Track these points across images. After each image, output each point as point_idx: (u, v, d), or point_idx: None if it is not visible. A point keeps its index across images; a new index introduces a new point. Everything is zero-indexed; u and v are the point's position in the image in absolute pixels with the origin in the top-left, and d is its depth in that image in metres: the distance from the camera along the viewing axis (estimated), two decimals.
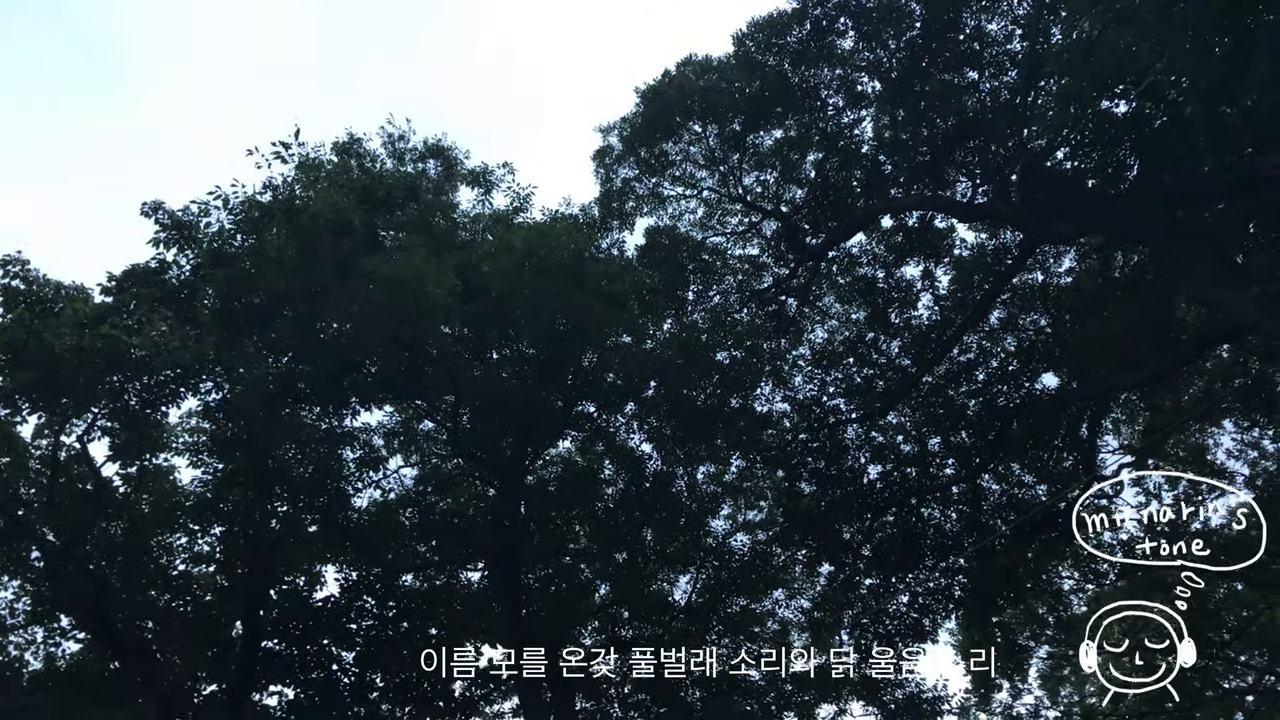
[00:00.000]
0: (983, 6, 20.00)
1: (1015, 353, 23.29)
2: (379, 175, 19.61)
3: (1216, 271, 16.66)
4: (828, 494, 23.28)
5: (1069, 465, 22.97)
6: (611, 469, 23.31)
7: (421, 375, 19.34)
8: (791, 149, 23.61)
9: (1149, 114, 17.25)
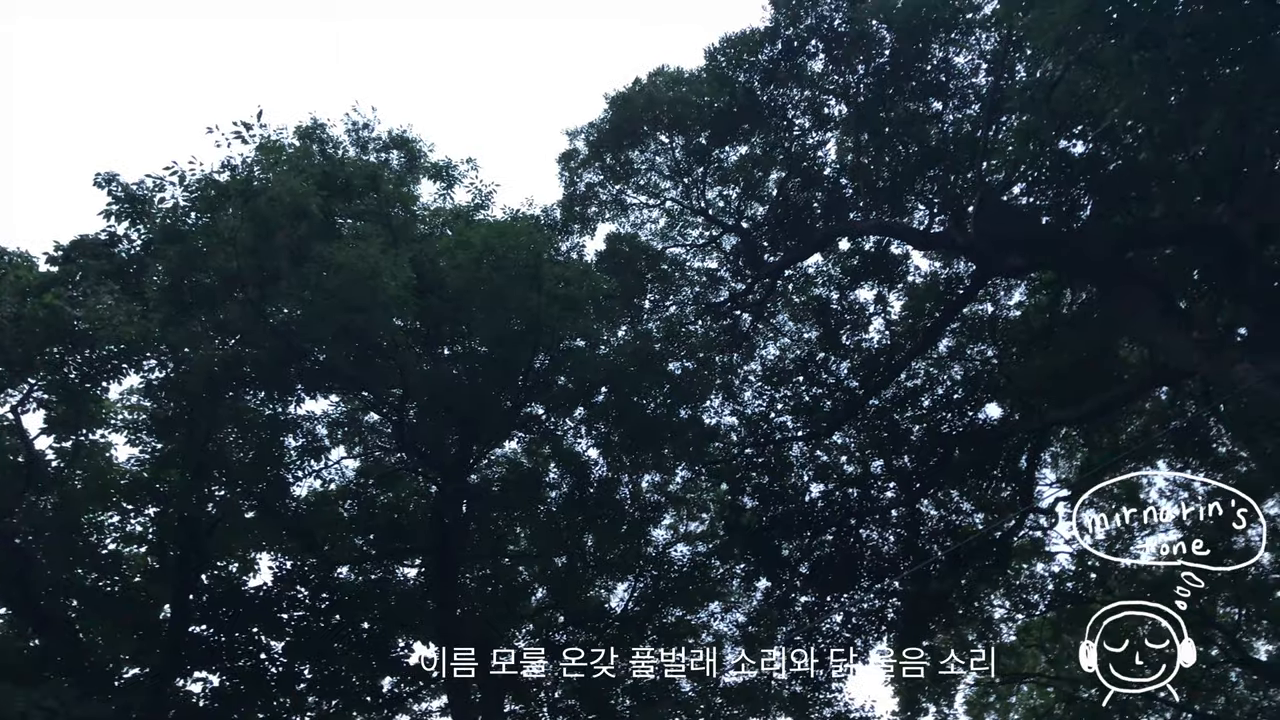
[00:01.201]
0: (951, 39, 20.34)
1: (961, 381, 23.66)
2: (340, 162, 19.43)
3: (1160, 315, 17.08)
4: (769, 510, 23.44)
5: (1007, 495, 23.35)
6: (556, 473, 23.24)
7: (370, 366, 19.15)
8: (756, 166, 23.84)
9: (1105, 156, 17.70)
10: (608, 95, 22.85)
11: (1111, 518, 26.45)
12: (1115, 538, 26.17)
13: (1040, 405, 21.34)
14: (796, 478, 23.99)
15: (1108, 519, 26.65)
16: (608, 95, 22.85)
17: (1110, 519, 26.73)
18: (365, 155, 21.35)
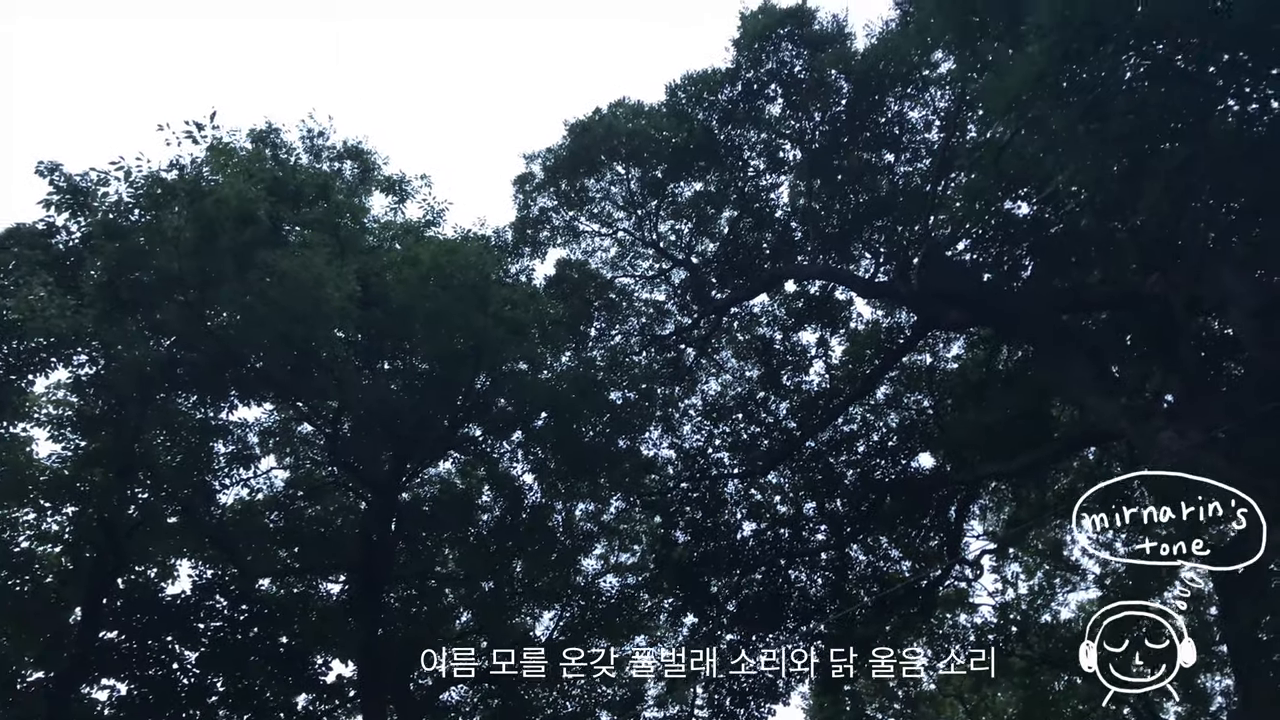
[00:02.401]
0: (907, 94, 20.77)
1: (896, 429, 23.98)
2: (293, 169, 19.25)
3: (1091, 377, 17.47)
4: (701, 545, 23.48)
5: (934, 545, 23.65)
6: (490, 496, 23.09)
7: (307, 377, 18.90)
8: (709, 203, 24.07)
9: (1048, 220, 18.13)
10: (567, 122, 23.01)
11: (1034, 572, 27.04)
12: (1037, 593, 26.66)
13: (972, 458, 21.68)
14: (730, 515, 24.08)
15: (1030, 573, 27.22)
16: (567, 122, 23.01)
17: (1034, 572, 27.29)
18: (319, 164, 21.20)
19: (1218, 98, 13.65)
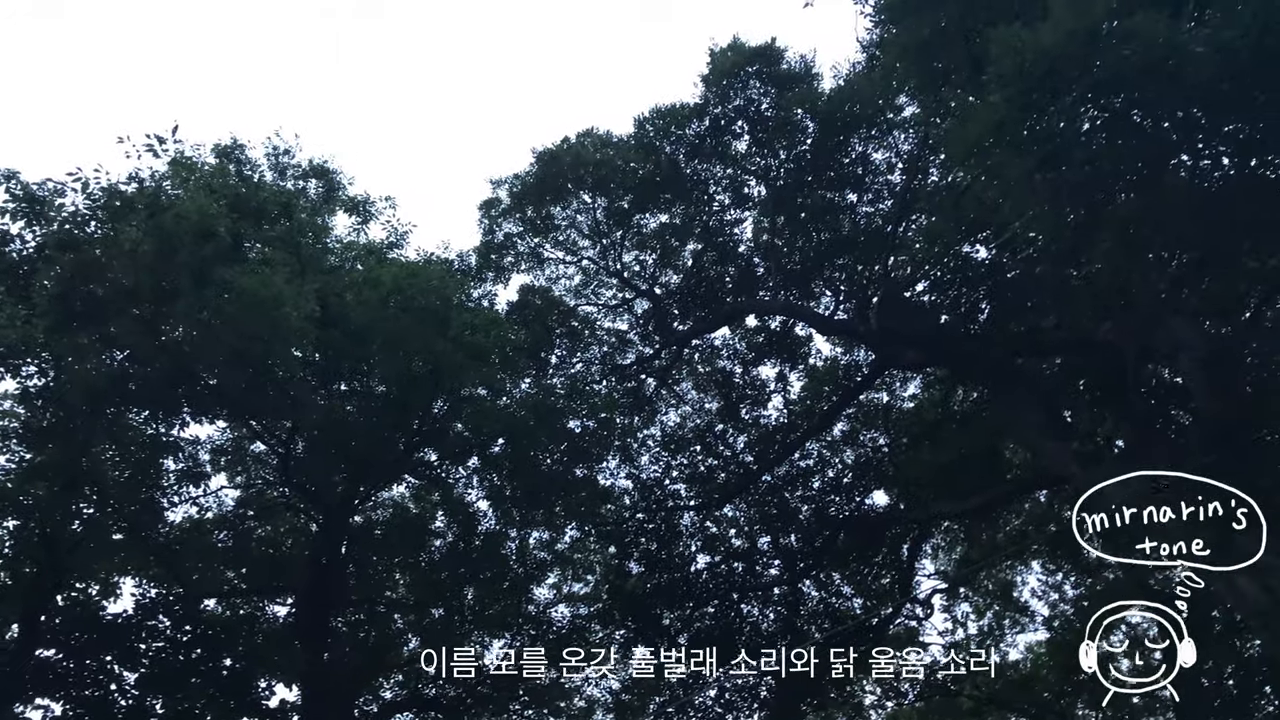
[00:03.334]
0: (871, 136, 21.07)
1: (852, 466, 24.14)
2: (256, 186, 19.09)
3: (1044, 422, 17.73)
4: (655, 577, 23.41)
5: (886, 582, 23.75)
6: (443, 521, 22.89)
7: (262, 395, 18.66)
8: (673, 235, 24.22)
9: (1005, 265, 18.43)
10: (535, 150, 23.10)
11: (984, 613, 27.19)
12: (987, 634, 26.81)
13: (925, 497, 21.86)
14: (684, 547, 24.06)
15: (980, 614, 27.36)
16: (535, 150, 23.10)
17: (983, 613, 27.45)
18: (283, 181, 21.06)
19: (1171, 152, 13.99)
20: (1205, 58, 11.28)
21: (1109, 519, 11.21)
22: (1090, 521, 18.01)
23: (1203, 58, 11.30)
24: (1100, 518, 10.89)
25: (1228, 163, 14.39)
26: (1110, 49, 11.81)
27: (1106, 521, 11.08)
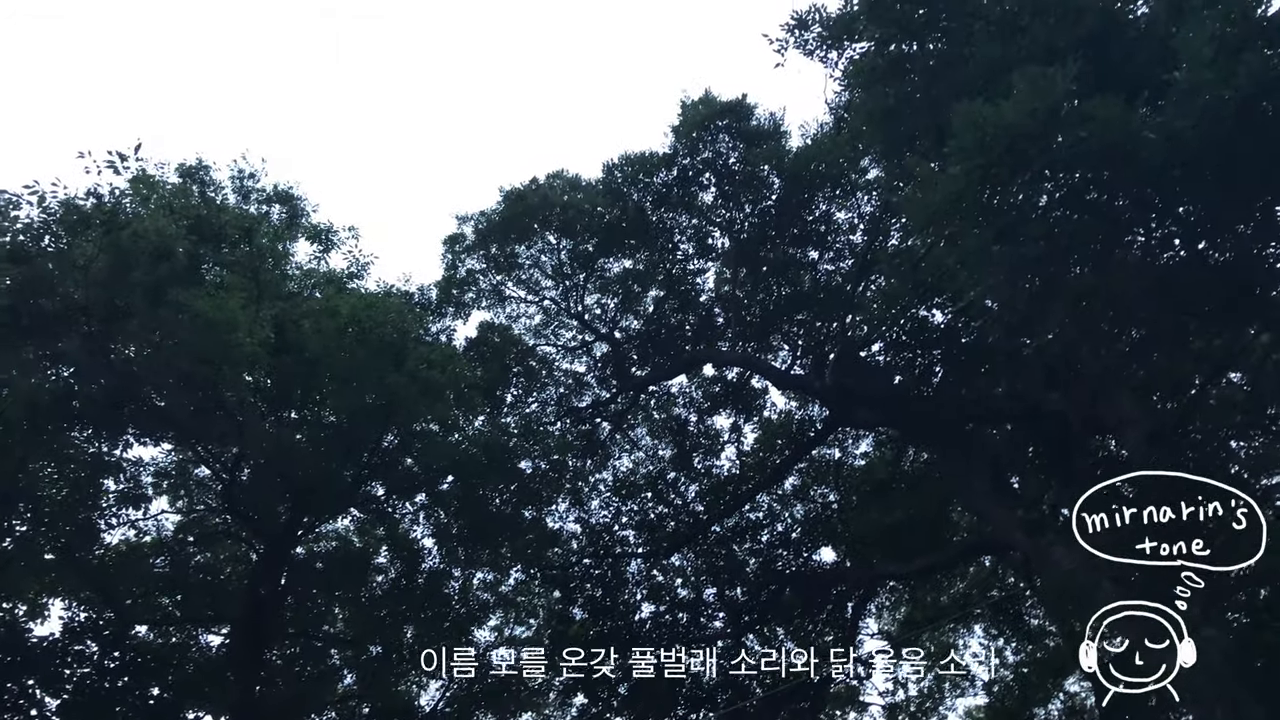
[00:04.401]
0: (835, 196, 21.39)
1: (801, 521, 24.18)
2: (219, 208, 18.95)
3: (991, 487, 17.93)
4: (598, 624, 23.20)
5: (830, 640, 23.68)
6: (387, 557, 22.59)
7: (210, 419, 18.39)
8: (636, 281, 24.33)
9: (960, 330, 18.71)
10: (502, 188, 23.17)
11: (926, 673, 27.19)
12: (927, 696, 26.81)
13: (872, 556, 21.94)
14: (630, 595, 23.88)
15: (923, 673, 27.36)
16: (502, 188, 23.17)
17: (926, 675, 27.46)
18: (246, 205, 20.93)
19: (1124, 231, 14.34)
20: (1158, 144, 11.61)
21: (1109, 519, 11.06)
22: (1033, 585, 18.01)
23: (1155, 144, 11.63)
24: (1100, 517, 10.80)
25: (1178, 244, 14.78)
26: (1069, 129, 12.12)
27: (1106, 521, 10.96)
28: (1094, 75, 12.72)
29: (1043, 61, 12.54)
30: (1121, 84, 12.59)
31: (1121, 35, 13.89)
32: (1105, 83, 12.58)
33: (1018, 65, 12.61)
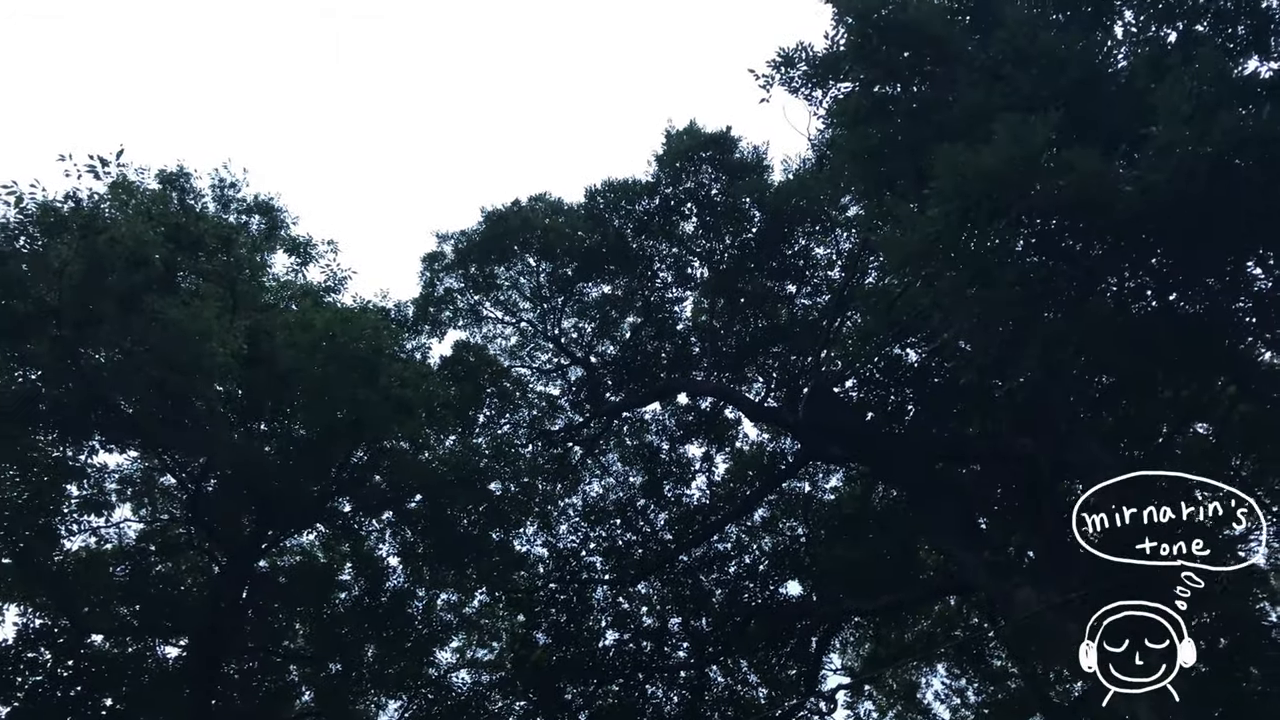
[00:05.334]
0: (814, 232, 21.55)
1: (769, 554, 24.16)
2: (197, 217, 18.86)
3: (958, 527, 17.99)
4: (562, 649, 23.06)
5: (793, 674, 23.65)
6: (351, 574, 22.39)
7: (178, 428, 18.19)
8: (614, 306, 24.37)
9: (933, 369, 18.82)
10: (484, 209, 23.19)
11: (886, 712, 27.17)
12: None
13: (838, 591, 21.93)
14: (595, 621, 23.76)
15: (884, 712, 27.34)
16: (484, 209, 23.19)
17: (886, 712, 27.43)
18: (226, 214, 20.88)
19: (1098, 279, 14.51)
20: (1133, 196, 11.76)
21: (1109, 518, 10.96)
22: (999, 623, 17.93)
23: (1131, 196, 11.78)
24: (1100, 517, 10.76)
25: (1150, 294, 14.97)
26: (1047, 177, 12.27)
27: (1106, 521, 10.88)
28: (1073, 126, 12.90)
29: (1024, 110, 12.71)
30: (1100, 136, 12.78)
31: (1101, 88, 14.10)
32: (1084, 134, 12.78)
33: (999, 112, 12.76)
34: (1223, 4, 13.72)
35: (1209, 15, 13.92)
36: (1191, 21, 13.99)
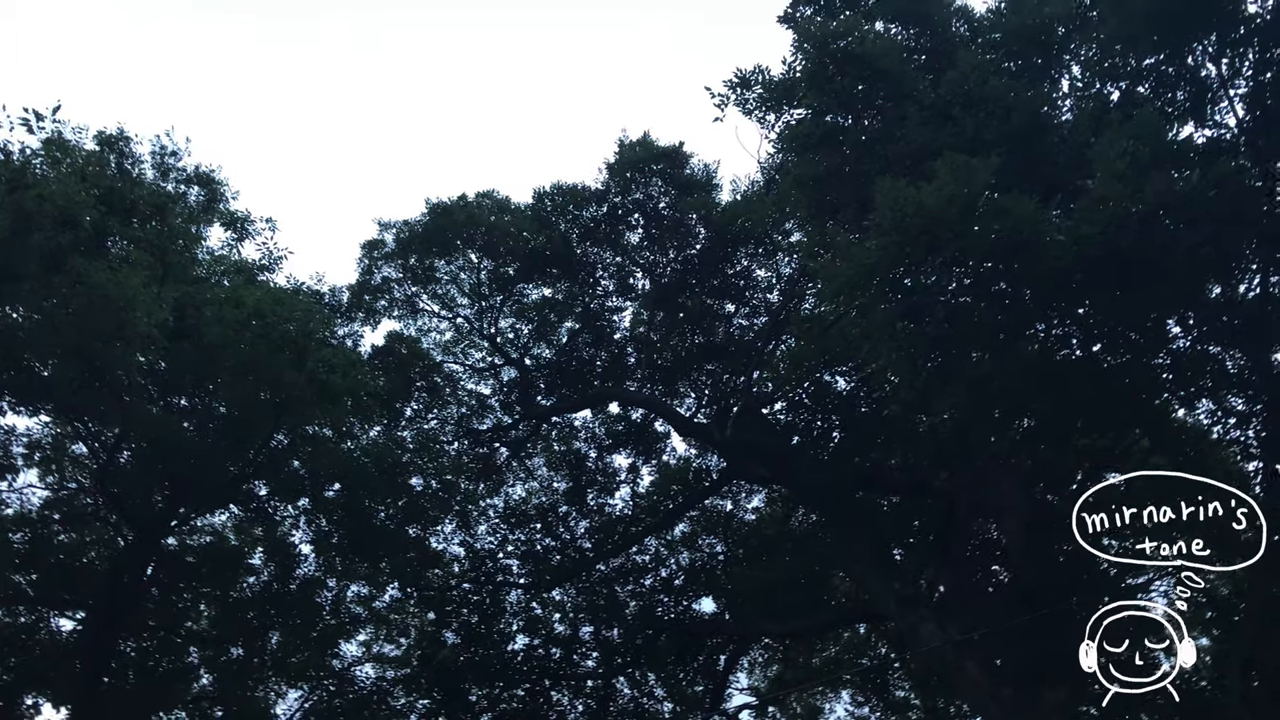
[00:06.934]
0: (757, 254, 21.73)
1: (686, 569, 24.23)
2: (134, 182, 18.41)
3: (873, 557, 18.27)
4: (470, 650, 22.90)
5: (699, 691, 23.73)
6: (261, 558, 21.97)
7: (95, 396, 17.73)
8: (553, 310, 24.29)
9: (860, 399, 19.09)
10: (429, 200, 22.92)
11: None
12: None
13: (750, 612, 22.05)
14: (505, 625, 23.65)
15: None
16: (429, 200, 22.92)
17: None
18: (164, 183, 20.35)
19: (1026, 324, 14.84)
20: (1065, 246, 12.07)
21: (1109, 518, 10.98)
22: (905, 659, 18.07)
23: (1063, 245, 12.10)
24: (1100, 517, 10.81)
25: (1075, 343, 15.36)
26: (984, 220, 12.54)
27: (1106, 521, 10.91)
28: (1014, 172, 13.20)
29: (968, 151, 12.98)
30: (1038, 184, 13.10)
31: (1044, 138, 14.48)
32: (1023, 180, 13.07)
33: (944, 151, 13.02)
34: (1165, 70, 14.18)
35: (1151, 79, 14.37)
36: (1134, 83, 14.44)
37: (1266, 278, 14.22)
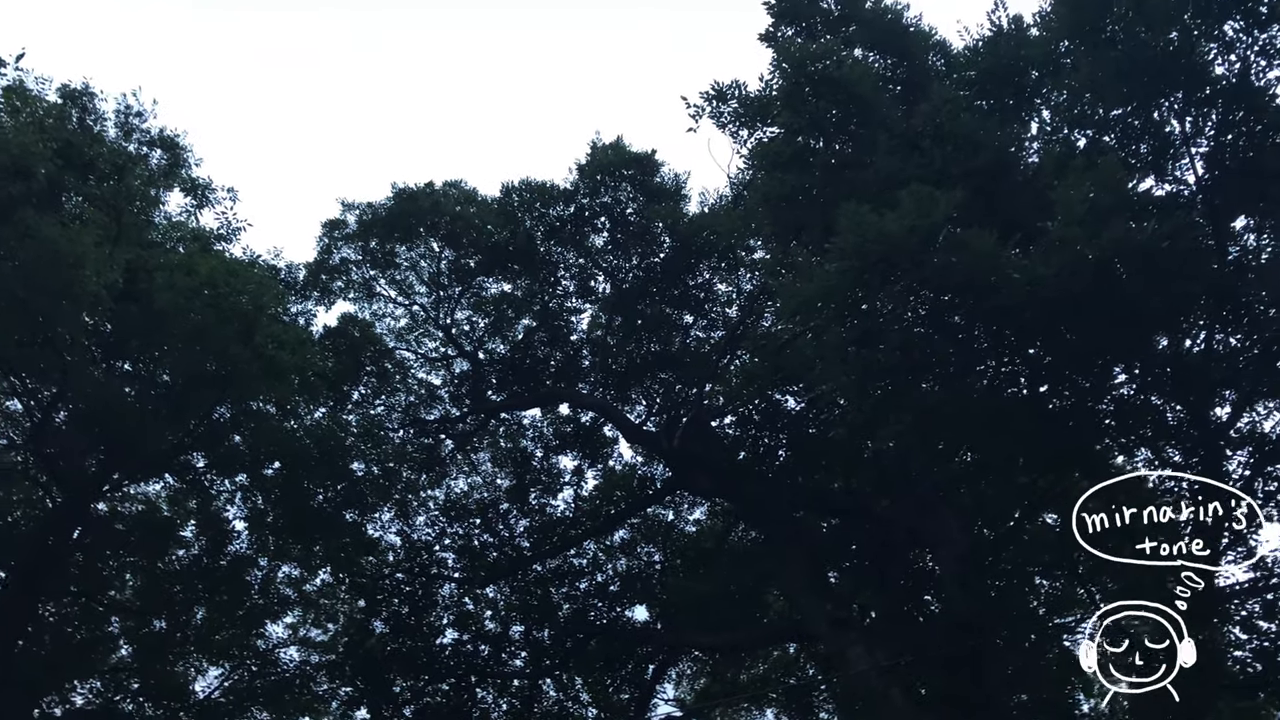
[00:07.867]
0: (719, 268, 21.81)
1: (622, 575, 24.19)
2: (94, 138, 18.07)
3: (808, 578, 18.37)
4: (398, 641, 22.68)
5: (625, 698, 23.68)
6: (193, 532, 21.59)
7: (35, 353, 17.35)
8: (511, 306, 24.21)
9: (808, 420, 19.21)
10: (395, 185, 22.75)
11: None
12: None
13: (683, 623, 22.04)
14: (436, 618, 23.43)
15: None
16: (395, 185, 22.75)
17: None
18: (126, 143, 19.96)
19: (977, 359, 15.03)
20: (1019, 285, 12.24)
21: (1109, 518, 10.96)
22: None
23: (1018, 284, 12.26)
24: (1100, 517, 10.81)
25: (1023, 382, 15.56)
26: (942, 252, 12.68)
27: (1106, 521, 10.89)
28: (976, 207, 13.37)
29: (933, 183, 13.12)
30: (999, 221, 13.26)
31: (1009, 177, 14.67)
32: (985, 217, 13.24)
33: (910, 182, 13.15)
34: (1131, 122, 14.44)
35: (1118, 129, 14.63)
36: (1100, 131, 14.68)
37: (1211, 334, 14.52)
